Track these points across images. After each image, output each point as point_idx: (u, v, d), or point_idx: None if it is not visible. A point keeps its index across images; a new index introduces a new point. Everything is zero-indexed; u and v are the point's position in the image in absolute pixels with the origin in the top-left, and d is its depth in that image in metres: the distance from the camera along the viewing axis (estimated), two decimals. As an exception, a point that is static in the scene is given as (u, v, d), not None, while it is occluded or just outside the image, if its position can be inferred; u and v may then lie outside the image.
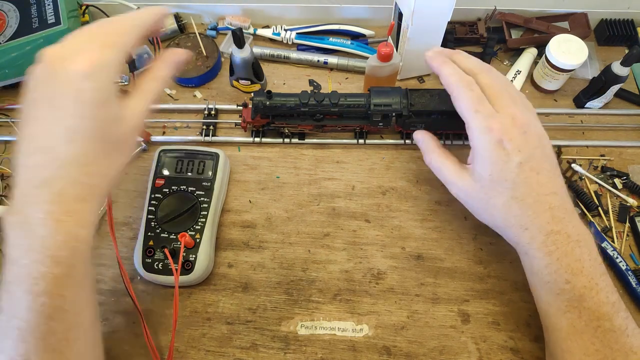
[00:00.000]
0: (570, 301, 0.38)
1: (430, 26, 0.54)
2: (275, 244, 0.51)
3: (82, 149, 0.33)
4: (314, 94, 0.51)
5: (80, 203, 0.33)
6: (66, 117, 0.32)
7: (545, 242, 0.39)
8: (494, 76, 0.43)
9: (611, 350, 0.36)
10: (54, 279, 0.32)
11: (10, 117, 0.60)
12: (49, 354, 0.32)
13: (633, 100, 0.60)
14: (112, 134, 0.34)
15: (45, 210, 0.32)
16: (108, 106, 0.34)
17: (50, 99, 0.33)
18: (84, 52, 0.33)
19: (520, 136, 0.39)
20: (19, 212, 0.32)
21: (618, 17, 0.64)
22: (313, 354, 0.46)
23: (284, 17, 0.66)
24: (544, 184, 0.39)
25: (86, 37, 0.35)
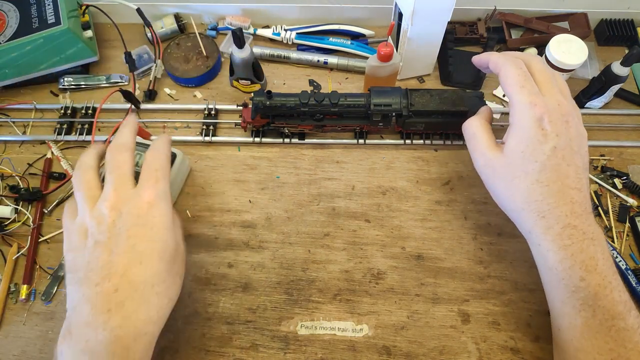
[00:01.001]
0: (585, 299, 0.37)
1: (430, 26, 0.54)
2: (275, 244, 0.51)
3: (152, 270, 0.35)
4: (314, 94, 0.51)
5: (150, 326, 0.35)
6: (138, 244, 0.35)
7: (561, 234, 0.38)
8: (546, 67, 0.43)
9: (625, 349, 0.36)
10: None
11: (10, 117, 0.60)
12: None
13: (633, 100, 0.60)
14: (175, 255, 0.37)
15: (114, 336, 0.33)
16: (171, 230, 0.37)
17: (118, 234, 0.35)
18: (145, 187, 0.37)
19: (562, 122, 0.39)
20: (82, 340, 0.33)
21: (618, 17, 0.64)
22: (313, 354, 0.46)
23: (284, 17, 0.66)
24: (571, 177, 0.39)
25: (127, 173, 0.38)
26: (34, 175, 0.56)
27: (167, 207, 0.37)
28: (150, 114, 0.60)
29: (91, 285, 0.34)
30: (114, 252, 0.35)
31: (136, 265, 0.35)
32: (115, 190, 0.37)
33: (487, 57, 0.44)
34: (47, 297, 0.49)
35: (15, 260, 0.51)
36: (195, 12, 0.66)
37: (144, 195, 0.36)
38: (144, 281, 0.35)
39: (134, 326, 0.33)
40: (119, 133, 0.40)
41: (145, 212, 0.36)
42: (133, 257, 0.35)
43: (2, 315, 0.48)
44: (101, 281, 0.34)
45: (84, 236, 0.36)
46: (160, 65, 0.62)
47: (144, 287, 0.34)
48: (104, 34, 0.66)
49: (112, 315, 0.33)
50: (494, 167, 0.41)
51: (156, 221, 0.36)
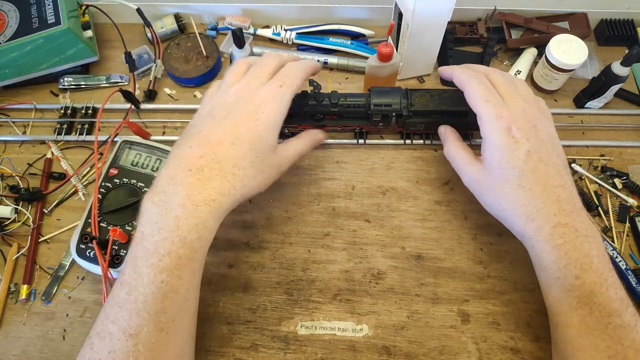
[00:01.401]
0: (580, 297, 0.37)
1: (430, 26, 0.54)
2: (275, 244, 0.51)
3: (239, 154, 0.39)
4: (314, 94, 0.51)
5: (219, 196, 0.37)
6: (239, 125, 0.39)
7: (552, 234, 0.38)
8: (506, 76, 0.45)
9: (622, 346, 0.36)
10: (178, 259, 0.35)
11: (10, 117, 0.60)
12: (157, 332, 0.35)
13: (633, 100, 0.60)
14: (265, 155, 0.41)
15: (188, 194, 0.36)
16: (272, 131, 0.41)
17: (232, 110, 0.40)
18: (267, 87, 0.42)
19: (530, 127, 0.41)
20: (161, 191, 0.37)
21: (618, 17, 0.64)
22: (313, 354, 0.46)
23: (284, 17, 0.66)
24: (552, 176, 0.40)
25: (266, 75, 0.43)
26: (34, 175, 0.56)
27: (278, 109, 0.41)
28: (150, 114, 0.60)
29: (185, 147, 0.39)
30: (215, 124, 0.40)
31: (227, 143, 0.39)
32: (247, 79, 0.43)
33: (451, 71, 0.46)
34: (47, 297, 0.49)
35: (15, 260, 0.51)
36: (195, 12, 0.66)
37: (263, 91, 0.41)
38: (226, 158, 0.38)
39: (206, 190, 0.37)
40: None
41: (257, 105, 0.40)
42: (229, 136, 0.39)
43: (2, 315, 0.48)
44: (194, 145, 0.39)
45: (209, 108, 0.42)
46: (160, 65, 0.62)
47: (225, 163, 0.38)
48: (104, 34, 0.66)
49: (191, 175, 0.37)
50: (477, 180, 0.44)
51: (262, 116, 0.40)
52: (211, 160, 0.38)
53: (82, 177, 0.56)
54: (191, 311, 0.39)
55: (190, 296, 0.38)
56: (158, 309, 0.35)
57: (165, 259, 0.35)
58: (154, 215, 0.36)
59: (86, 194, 0.55)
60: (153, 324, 0.35)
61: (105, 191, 0.50)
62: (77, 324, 0.47)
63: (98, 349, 0.35)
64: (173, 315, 0.36)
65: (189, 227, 0.36)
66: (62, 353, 0.46)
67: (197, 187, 0.37)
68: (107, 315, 0.36)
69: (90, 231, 0.47)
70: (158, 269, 0.35)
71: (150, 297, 0.35)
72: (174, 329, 0.36)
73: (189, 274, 0.37)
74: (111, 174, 0.51)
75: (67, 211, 0.54)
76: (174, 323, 0.36)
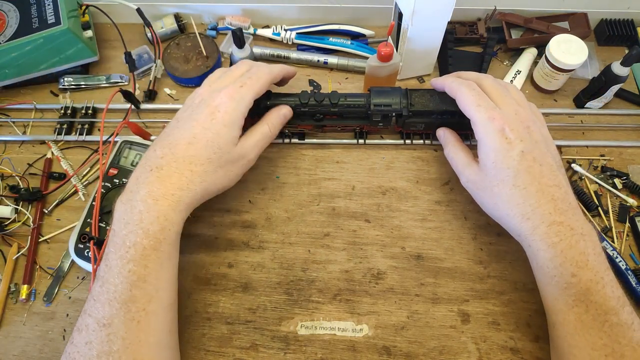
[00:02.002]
0: (577, 295, 0.38)
1: (430, 26, 0.54)
2: (275, 244, 0.51)
3: (195, 152, 0.41)
4: (314, 94, 0.51)
5: (177, 191, 0.40)
6: (196, 126, 0.42)
7: (547, 232, 0.39)
8: (497, 81, 0.46)
9: (619, 344, 0.36)
10: (143, 249, 0.38)
11: (10, 117, 0.60)
12: (129, 321, 0.37)
13: (633, 100, 0.60)
14: (223, 150, 0.42)
15: (148, 190, 0.39)
16: (229, 128, 0.42)
17: (192, 113, 0.43)
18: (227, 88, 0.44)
19: (523, 128, 0.42)
20: (128, 191, 0.40)
21: (618, 17, 0.64)
22: (313, 354, 0.46)
23: (284, 17, 0.66)
24: (546, 175, 0.40)
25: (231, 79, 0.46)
26: (34, 175, 0.56)
27: (235, 107, 0.43)
28: (150, 114, 0.60)
29: (151, 150, 0.42)
30: (177, 127, 0.43)
31: (185, 143, 0.41)
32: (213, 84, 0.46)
33: (442, 82, 0.48)
34: (48, 298, 0.49)
35: (15, 260, 0.51)
36: (195, 12, 0.66)
37: (223, 92, 0.43)
38: (183, 156, 0.41)
39: (164, 186, 0.39)
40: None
41: (215, 105, 0.42)
42: (186, 136, 0.41)
43: (2, 315, 0.48)
44: (157, 148, 0.42)
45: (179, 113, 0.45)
46: (160, 65, 0.62)
47: (182, 161, 0.40)
48: (104, 34, 0.66)
49: (152, 174, 0.40)
50: (474, 181, 0.45)
51: (218, 115, 0.42)
52: (170, 160, 0.40)
53: (82, 177, 0.56)
54: (164, 303, 0.39)
55: (160, 287, 0.39)
56: (127, 298, 0.37)
57: (131, 250, 0.38)
58: (121, 212, 0.39)
59: (86, 194, 0.55)
60: (124, 312, 0.37)
61: (104, 191, 0.50)
62: (77, 324, 0.47)
63: (77, 342, 0.37)
64: (143, 304, 0.37)
65: (151, 220, 0.38)
66: (62, 353, 0.46)
67: (156, 184, 0.39)
68: (85, 310, 0.38)
69: (89, 231, 0.47)
70: (125, 259, 0.37)
71: (119, 287, 0.37)
72: (146, 319, 0.37)
73: (155, 264, 0.38)
74: (111, 174, 0.51)
75: (67, 211, 0.54)
76: (145, 312, 0.37)
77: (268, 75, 0.47)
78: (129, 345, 0.36)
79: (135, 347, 0.37)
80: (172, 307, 0.41)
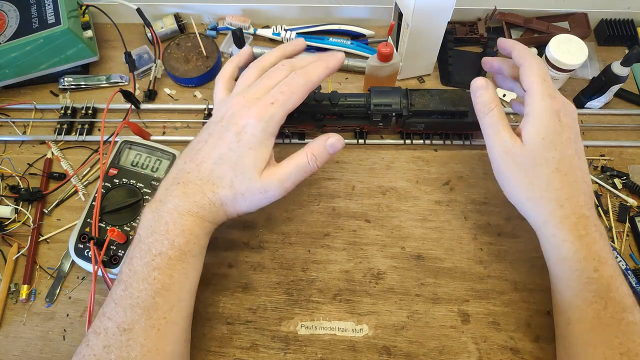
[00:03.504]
0: (597, 291, 0.38)
1: (430, 26, 0.54)
2: (275, 244, 0.51)
3: (220, 173, 0.40)
4: (314, 94, 0.51)
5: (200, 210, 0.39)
6: (223, 145, 0.40)
7: (577, 224, 0.39)
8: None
9: (634, 343, 0.36)
10: (168, 259, 0.38)
11: (11, 117, 0.60)
12: (149, 328, 0.37)
13: (633, 100, 0.60)
14: (246, 177, 0.40)
15: (175, 204, 0.39)
16: (254, 152, 0.40)
17: (222, 130, 0.41)
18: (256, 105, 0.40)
19: (573, 119, 0.42)
20: (157, 199, 0.40)
21: (618, 17, 0.64)
22: (313, 354, 0.46)
23: (284, 17, 0.66)
24: (583, 170, 0.41)
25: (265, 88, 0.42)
26: (34, 175, 0.56)
27: (263, 129, 0.40)
28: (150, 114, 0.60)
29: (181, 162, 0.42)
30: (207, 143, 0.41)
31: (211, 162, 0.40)
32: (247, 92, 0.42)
33: (513, 44, 0.44)
34: (50, 298, 0.49)
35: (15, 260, 0.51)
36: (195, 12, 0.66)
37: (254, 108, 0.40)
38: (208, 176, 0.40)
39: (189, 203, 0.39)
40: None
41: (242, 125, 0.40)
42: (213, 155, 0.40)
43: (2, 315, 0.48)
44: (187, 160, 0.41)
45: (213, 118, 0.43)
46: (160, 65, 0.62)
47: (207, 181, 0.40)
48: (104, 34, 0.66)
49: (178, 188, 0.40)
50: (514, 154, 0.41)
51: (244, 137, 0.40)
52: (195, 177, 0.40)
53: (82, 177, 0.56)
54: (184, 313, 0.40)
55: (182, 297, 0.39)
56: (150, 305, 0.37)
57: (157, 258, 0.38)
58: (149, 220, 0.39)
59: (86, 194, 0.55)
60: (145, 319, 0.36)
61: (104, 191, 0.50)
62: (77, 324, 0.47)
63: (93, 345, 0.36)
64: (165, 313, 0.37)
65: (177, 232, 0.38)
66: (62, 353, 0.46)
67: (182, 199, 0.39)
68: (104, 313, 0.38)
69: (89, 231, 0.47)
70: (151, 267, 0.37)
71: (143, 293, 0.37)
72: (165, 327, 0.37)
73: (179, 274, 0.39)
74: (111, 174, 0.51)
75: (67, 211, 0.54)
76: (165, 321, 0.37)
77: (304, 85, 0.42)
78: (147, 352, 0.36)
79: (153, 355, 0.36)
80: (190, 317, 0.41)
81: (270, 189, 0.41)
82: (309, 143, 0.44)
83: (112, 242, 0.47)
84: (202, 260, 0.42)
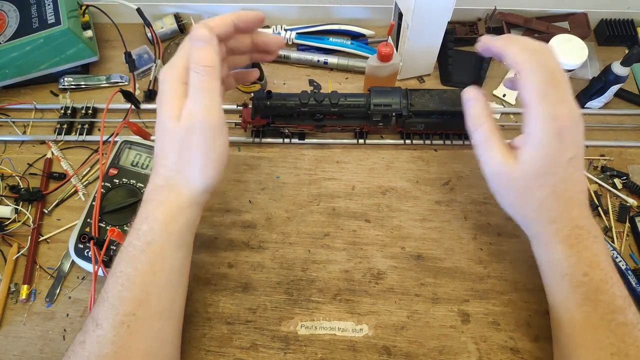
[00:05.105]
0: (586, 294, 0.38)
1: (430, 26, 0.54)
2: (275, 244, 0.51)
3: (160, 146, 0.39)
4: (314, 94, 0.51)
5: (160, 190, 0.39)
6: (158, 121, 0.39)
7: (569, 235, 0.39)
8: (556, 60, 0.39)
9: (624, 344, 0.36)
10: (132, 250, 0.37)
11: (11, 117, 0.60)
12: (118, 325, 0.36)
13: (633, 100, 0.60)
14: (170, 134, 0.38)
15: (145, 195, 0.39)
16: (167, 103, 0.38)
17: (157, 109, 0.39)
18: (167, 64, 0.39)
19: (576, 129, 0.38)
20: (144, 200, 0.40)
21: (618, 17, 0.64)
22: (313, 354, 0.46)
23: (284, 17, 0.66)
24: (579, 182, 0.39)
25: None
26: (34, 175, 0.56)
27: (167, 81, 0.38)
28: (150, 114, 0.60)
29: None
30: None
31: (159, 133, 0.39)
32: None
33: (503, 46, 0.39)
34: (50, 298, 0.49)
35: (15, 260, 0.51)
36: (195, 12, 0.66)
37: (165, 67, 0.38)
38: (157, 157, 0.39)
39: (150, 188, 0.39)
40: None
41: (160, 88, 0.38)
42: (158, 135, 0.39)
43: (2, 315, 0.48)
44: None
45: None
46: (160, 65, 0.62)
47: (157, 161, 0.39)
48: (104, 34, 0.66)
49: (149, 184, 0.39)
50: (507, 176, 0.39)
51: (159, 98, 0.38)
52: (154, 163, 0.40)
53: (82, 177, 0.56)
54: (154, 309, 0.37)
55: (151, 291, 0.37)
56: (117, 299, 0.36)
57: (124, 250, 0.38)
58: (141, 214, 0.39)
59: (86, 194, 0.55)
60: (113, 314, 0.36)
61: (104, 191, 0.50)
62: (77, 324, 0.47)
63: (76, 340, 0.37)
64: (133, 308, 0.36)
65: (140, 220, 0.38)
66: (62, 353, 0.45)
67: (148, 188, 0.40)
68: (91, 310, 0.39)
69: (89, 231, 0.47)
70: (119, 259, 0.38)
71: (111, 286, 0.37)
72: (135, 324, 0.36)
73: (143, 266, 0.37)
74: (111, 174, 0.51)
75: (67, 211, 0.54)
76: (134, 317, 0.36)
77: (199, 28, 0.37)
78: (118, 350, 0.35)
79: (125, 353, 0.36)
80: (168, 314, 0.39)
81: (192, 122, 0.37)
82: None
83: (112, 242, 0.47)
84: (175, 253, 0.39)
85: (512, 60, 0.38)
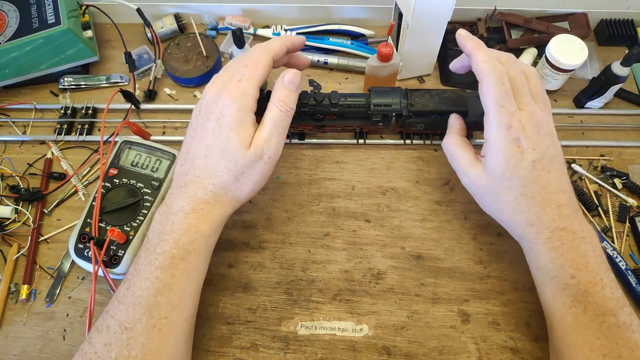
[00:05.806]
0: (575, 296, 0.38)
1: (430, 26, 0.54)
2: (275, 244, 0.51)
3: (213, 164, 0.40)
4: (314, 94, 0.51)
5: (205, 205, 0.40)
6: (207, 137, 0.40)
7: (550, 237, 0.39)
8: (519, 70, 0.42)
9: (617, 345, 0.36)
10: (171, 259, 0.38)
11: (11, 117, 0.60)
12: (150, 328, 0.37)
13: (633, 100, 0.60)
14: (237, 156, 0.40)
15: (180, 205, 0.40)
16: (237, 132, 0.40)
17: (203, 122, 0.41)
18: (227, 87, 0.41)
19: (536, 135, 0.40)
20: (165, 204, 0.41)
21: (618, 17, 0.64)
22: (313, 354, 0.46)
23: (284, 17, 0.66)
24: (553, 183, 0.40)
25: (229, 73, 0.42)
26: (34, 175, 0.56)
27: (239, 108, 0.40)
28: (150, 114, 0.60)
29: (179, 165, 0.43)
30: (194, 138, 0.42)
31: (201, 156, 0.41)
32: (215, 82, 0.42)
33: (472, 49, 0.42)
34: (50, 298, 0.49)
35: (15, 260, 0.51)
36: (195, 12, 0.66)
37: (223, 92, 0.40)
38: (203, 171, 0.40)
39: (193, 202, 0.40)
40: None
41: (219, 110, 0.40)
42: (200, 149, 0.41)
43: (2, 315, 0.48)
44: (182, 162, 0.42)
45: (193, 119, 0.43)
46: (160, 65, 0.62)
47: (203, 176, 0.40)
48: (104, 34, 0.66)
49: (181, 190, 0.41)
50: (477, 184, 0.43)
51: (224, 121, 0.40)
52: (193, 176, 0.41)
53: (82, 177, 0.56)
54: (185, 314, 0.40)
55: (184, 296, 0.39)
56: (152, 304, 0.37)
57: (160, 257, 0.38)
58: (158, 222, 0.40)
59: (86, 194, 0.55)
60: (147, 318, 0.37)
61: (104, 191, 0.50)
62: (77, 324, 0.47)
63: (95, 342, 0.37)
64: (166, 312, 0.38)
65: (182, 231, 0.39)
66: (62, 353, 0.46)
67: (186, 200, 0.40)
68: (107, 311, 0.38)
69: (89, 231, 0.47)
70: (153, 266, 0.38)
71: (145, 292, 0.37)
72: (167, 327, 0.37)
73: (181, 274, 0.39)
74: (111, 174, 0.51)
75: (67, 211, 0.54)
76: (167, 321, 0.37)
77: (265, 54, 0.42)
78: (148, 352, 0.36)
79: (154, 355, 0.37)
80: (193, 319, 0.41)
81: (263, 152, 0.41)
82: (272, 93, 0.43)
83: (112, 242, 0.47)
84: (207, 261, 0.42)
85: (475, 67, 0.42)
